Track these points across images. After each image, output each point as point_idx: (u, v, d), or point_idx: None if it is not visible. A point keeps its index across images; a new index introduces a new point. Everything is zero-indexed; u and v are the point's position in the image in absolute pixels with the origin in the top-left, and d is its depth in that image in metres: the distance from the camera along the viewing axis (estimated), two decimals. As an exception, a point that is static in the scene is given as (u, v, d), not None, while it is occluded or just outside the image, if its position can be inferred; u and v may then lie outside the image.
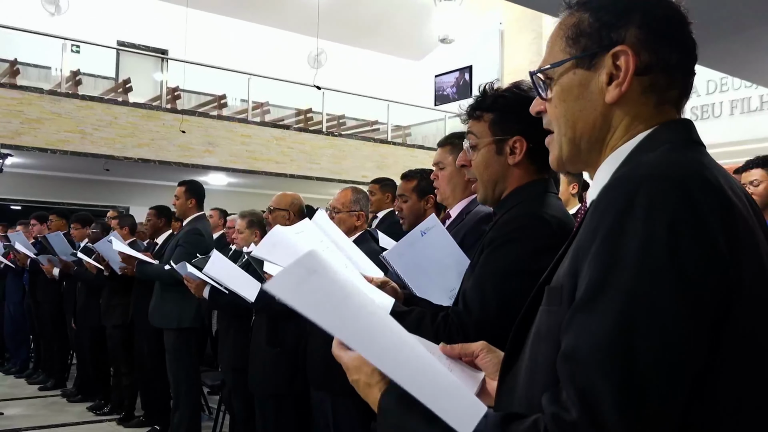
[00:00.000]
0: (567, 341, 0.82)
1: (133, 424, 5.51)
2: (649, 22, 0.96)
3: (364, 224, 3.35)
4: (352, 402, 3.13)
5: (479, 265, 1.68)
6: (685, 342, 0.78)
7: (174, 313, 4.75)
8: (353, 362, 1.02)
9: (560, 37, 1.02)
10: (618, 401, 0.75)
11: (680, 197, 0.81)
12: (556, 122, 1.03)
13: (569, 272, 0.88)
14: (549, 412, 0.80)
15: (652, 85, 0.96)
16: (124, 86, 11.93)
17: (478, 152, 1.74)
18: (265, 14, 14.92)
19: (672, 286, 0.77)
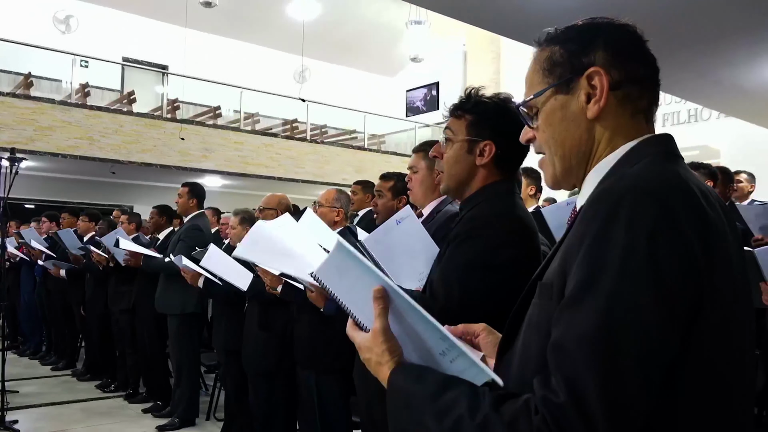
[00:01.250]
0: (556, 334, 0.83)
1: (137, 400, 5.45)
2: (613, 44, 0.98)
3: (344, 221, 3.35)
4: (334, 379, 3.13)
5: (445, 258, 1.66)
6: (660, 338, 0.79)
7: (178, 300, 4.73)
8: (366, 342, 0.98)
9: (537, 72, 1.03)
10: (600, 389, 0.77)
11: (659, 209, 0.81)
12: (546, 144, 1.02)
13: (559, 271, 0.89)
14: (540, 395, 0.81)
15: (626, 97, 0.97)
16: (129, 98, 11.81)
17: (451, 147, 1.72)
18: (256, 34, 14.84)
19: (650, 288, 0.78)
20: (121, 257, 5.09)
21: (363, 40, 15.37)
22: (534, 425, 0.79)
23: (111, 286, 5.66)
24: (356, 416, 3.12)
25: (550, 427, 0.78)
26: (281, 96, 13.25)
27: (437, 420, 0.88)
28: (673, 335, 0.80)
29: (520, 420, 0.81)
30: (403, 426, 0.95)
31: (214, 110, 12.84)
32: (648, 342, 0.78)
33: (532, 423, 0.79)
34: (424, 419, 0.90)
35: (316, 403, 3.13)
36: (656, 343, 0.79)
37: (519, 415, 0.81)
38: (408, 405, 0.93)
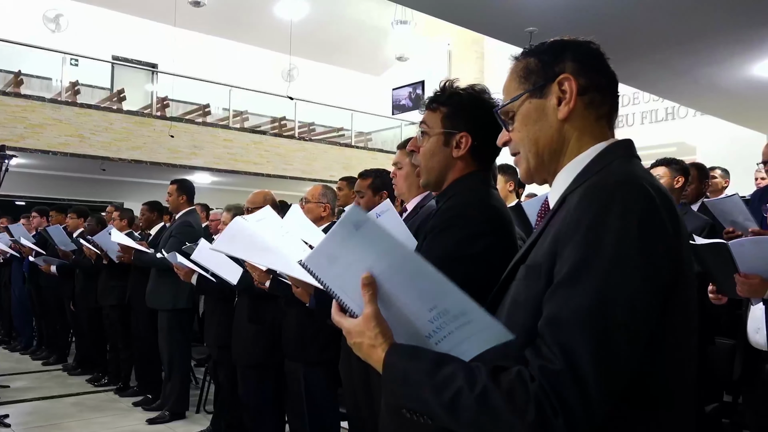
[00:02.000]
0: (551, 309, 0.91)
1: (128, 393, 5.42)
2: (580, 56, 1.10)
3: (330, 216, 3.35)
4: (322, 370, 3.13)
5: (423, 250, 1.63)
6: (646, 313, 0.89)
7: (169, 295, 4.71)
8: (356, 327, 1.00)
9: (514, 80, 1.13)
10: (594, 355, 0.85)
11: (645, 201, 0.92)
12: (521, 143, 1.12)
13: (548, 254, 0.96)
14: (537, 364, 0.88)
15: (591, 103, 1.08)
16: (119, 96, 11.71)
17: (427, 140, 1.69)
18: (245, 34, 14.77)
19: (640, 268, 0.89)
20: (114, 254, 5.05)
21: (350, 40, 15.33)
22: (531, 392, 0.85)
23: (101, 282, 5.62)
24: (344, 407, 3.12)
25: (547, 392, 0.85)
26: (269, 94, 13.21)
27: (436, 393, 0.91)
28: (655, 312, 0.90)
29: (517, 389, 0.87)
30: (401, 402, 0.97)
31: (204, 108, 12.76)
32: (637, 316, 0.88)
33: (529, 390, 0.85)
34: (422, 394, 0.93)
35: (303, 395, 3.13)
36: (643, 317, 0.89)
37: (515, 385, 0.87)
38: (406, 381, 0.95)
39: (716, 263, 2.54)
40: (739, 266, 2.42)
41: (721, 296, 2.65)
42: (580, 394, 0.84)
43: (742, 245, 2.43)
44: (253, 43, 15.08)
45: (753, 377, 2.66)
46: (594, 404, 0.85)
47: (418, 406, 0.95)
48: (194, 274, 3.93)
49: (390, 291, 0.97)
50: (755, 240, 2.47)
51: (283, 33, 13.86)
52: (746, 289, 2.41)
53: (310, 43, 14.80)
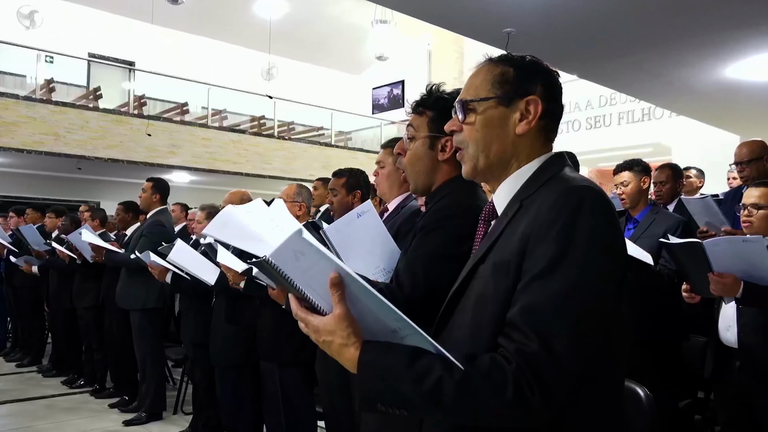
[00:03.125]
0: (526, 299, 0.98)
1: (104, 395, 5.35)
2: (549, 84, 1.19)
3: (306, 215, 3.34)
4: (297, 370, 3.12)
5: (411, 249, 1.66)
6: (612, 296, 1.02)
7: (140, 295, 4.66)
8: (327, 326, 1.00)
9: (487, 80, 1.19)
10: (569, 336, 0.94)
11: (605, 201, 1.04)
12: (474, 142, 1.19)
13: (517, 252, 1.03)
14: (512, 348, 0.95)
15: (545, 127, 1.19)
16: (95, 94, 11.54)
17: (414, 144, 1.72)
18: (224, 32, 14.64)
19: (608, 258, 1.01)
20: (89, 254, 4.98)
21: (329, 39, 15.28)
22: (509, 373, 0.92)
23: (76, 283, 5.54)
24: (320, 407, 3.11)
25: (524, 371, 0.92)
26: (249, 93, 13.12)
27: (416, 384, 0.94)
28: (616, 297, 1.03)
29: (494, 371, 0.93)
30: (378, 398, 0.97)
31: (182, 107, 12.63)
32: (605, 301, 1.00)
33: (507, 372, 0.92)
34: (400, 387, 0.95)
35: (279, 395, 3.12)
36: (610, 302, 1.01)
37: (491, 368, 0.94)
38: (382, 376, 0.96)
39: (691, 262, 2.57)
40: (713, 265, 2.45)
41: (694, 295, 2.68)
42: (556, 371, 0.92)
43: (717, 245, 2.46)
44: (232, 41, 14.97)
45: (723, 374, 2.70)
46: (568, 381, 0.93)
47: (396, 399, 0.96)
48: (168, 272, 3.90)
49: (356, 291, 0.98)
50: (729, 240, 2.51)
51: (262, 31, 13.78)
52: (720, 288, 2.44)
53: (290, 42, 14.73)
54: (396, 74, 16.12)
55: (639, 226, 3.32)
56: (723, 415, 2.81)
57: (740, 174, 3.57)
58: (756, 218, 2.67)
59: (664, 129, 11.41)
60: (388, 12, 11.96)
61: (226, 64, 14.57)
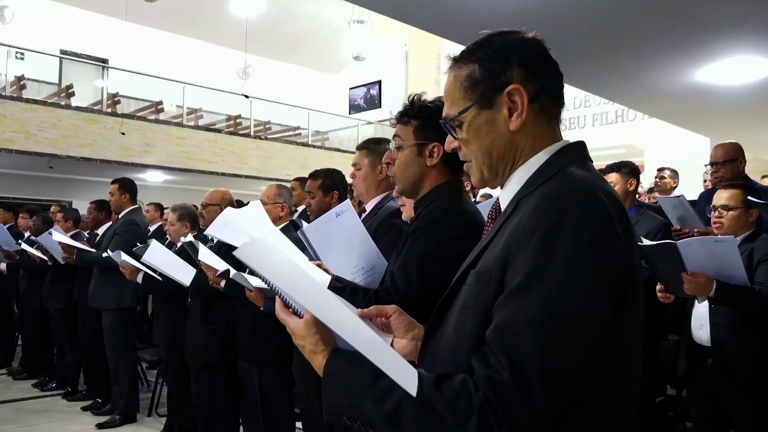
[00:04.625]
0: (500, 317, 0.88)
1: (77, 398, 5.25)
2: (526, 61, 1.04)
3: (288, 215, 3.33)
4: (276, 371, 3.10)
5: (405, 250, 1.70)
6: (597, 321, 0.87)
7: (113, 294, 4.60)
8: (299, 330, 0.99)
9: (458, 88, 1.07)
10: (542, 366, 0.83)
11: (599, 209, 0.90)
12: (474, 155, 1.08)
13: (500, 260, 0.93)
14: (482, 374, 0.85)
15: (542, 108, 1.05)
16: (67, 91, 11.33)
17: (402, 152, 1.77)
18: (199, 30, 14.49)
19: (592, 277, 0.87)
20: (60, 254, 4.89)
21: (306, 38, 15.22)
22: (476, 402, 0.83)
23: (46, 285, 5.44)
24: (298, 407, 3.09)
25: (492, 403, 0.82)
26: (224, 92, 13.00)
27: (377, 403, 0.88)
28: (605, 320, 0.88)
29: (460, 398, 0.84)
30: (341, 411, 0.94)
31: (156, 105, 12.47)
32: (586, 326, 0.86)
33: (473, 400, 0.83)
34: (362, 403, 0.90)
35: (258, 396, 3.10)
36: (592, 327, 0.87)
37: (459, 394, 0.84)
38: (345, 390, 0.93)
39: (665, 263, 2.61)
40: (686, 265, 2.50)
41: (668, 295, 2.73)
42: (525, 405, 0.82)
43: (690, 245, 2.50)
44: (207, 39, 14.82)
45: (695, 371, 2.75)
46: (539, 415, 0.84)
47: (359, 415, 0.92)
48: (140, 273, 3.85)
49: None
50: (702, 240, 2.56)
51: (238, 30, 13.68)
52: (693, 287, 2.49)
53: (266, 41, 14.64)
54: (373, 74, 16.12)
55: (624, 228, 3.38)
56: (695, 411, 2.86)
57: (715, 174, 3.62)
58: (726, 219, 2.72)
59: (637, 130, 11.60)
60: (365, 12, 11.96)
61: (201, 62, 14.43)
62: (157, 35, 14.15)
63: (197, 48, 14.80)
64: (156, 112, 12.40)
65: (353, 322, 0.91)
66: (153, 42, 14.02)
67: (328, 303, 0.92)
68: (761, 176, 6.43)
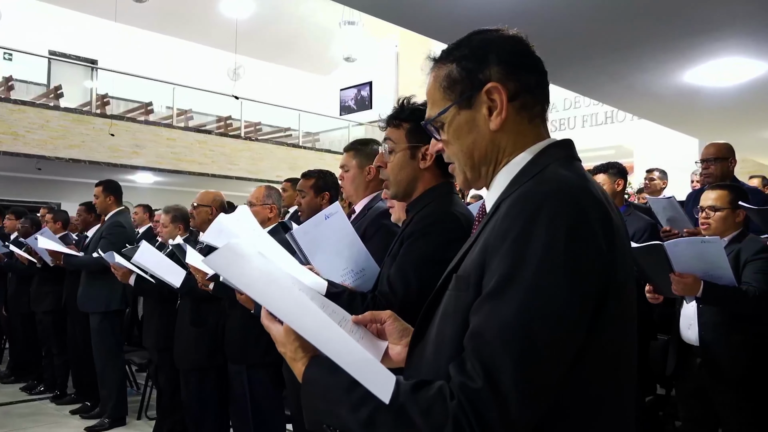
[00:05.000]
0: (475, 322, 0.86)
1: (65, 401, 5.22)
2: (505, 58, 1.02)
3: (276, 217, 3.32)
4: (266, 372, 3.09)
5: (401, 254, 1.69)
6: (572, 327, 0.84)
7: (102, 297, 4.58)
8: (281, 336, 0.99)
9: (437, 89, 1.06)
10: (515, 374, 0.80)
11: (575, 210, 0.86)
12: (456, 156, 1.06)
13: (477, 264, 0.91)
14: (457, 381, 0.83)
15: (523, 106, 1.02)
16: (56, 92, 11.26)
17: (394, 156, 1.77)
18: (189, 31, 14.44)
19: (565, 282, 0.83)
20: (48, 257, 4.86)
21: (297, 39, 15.19)
22: (450, 411, 0.81)
23: (34, 287, 5.40)
24: (288, 409, 3.08)
25: (466, 411, 0.80)
26: (214, 93, 12.96)
27: (353, 411, 0.87)
28: (582, 325, 0.85)
29: (436, 406, 0.82)
30: (320, 418, 0.94)
31: (146, 106, 12.41)
32: (562, 331, 0.83)
33: (448, 409, 0.81)
34: (339, 411, 0.89)
35: (247, 397, 3.09)
36: (568, 333, 0.83)
37: (434, 402, 0.83)
38: (323, 397, 0.93)
39: (652, 264, 2.63)
40: (674, 266, 2.51)
41: (657, 295, 2.75)
42: (500, 414, 0.80)
43: (677, 245, 2.52)
44: (197, 40, 14.77)
45: (684, 371, 2.77)
46: (515, 424, 0.81)
47: (337, 423, 0.91)
48: (132, 274, 3.84)
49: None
50: (689, 240, 2.57)
51: (228, 31, 13.64)
52: (681, 287, 2.50)
53: (257, 42, 14.61)
54: (364, 75, 16.11)
55: (610, 228, 3.40)
56: (684, 410, 2.88)
57: (705, 171, 3.63)
58: (713, 220, 2.74)
59: (626, 131, 11.65)
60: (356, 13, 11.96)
61: (191, 63, 14.38)
62: (146, 36, 14.09)
63: (187, 49, 14.74)
64: (145, 113, 12.34)
65: (327, 328, 0.89)
66: (142, 43, 13.96)
67: (300, 310, 0.90)
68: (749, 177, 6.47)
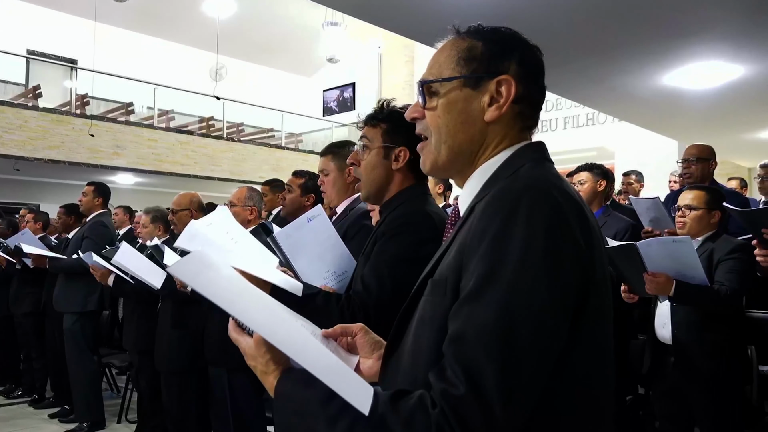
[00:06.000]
0: (455, 327, 0.83)
1: (44, 405, 5.17)
2: (526, 62, 1.01)
3: (257, 219, 3.31)
4: (247, 375, 3.09)
5: (374, 254, 1.70)
6: (554, 326, 0.82)
7: (79, 297, 4.55)
8: (250, 350, 0.95)
9: (451, 57, 1.02)
10: (498, 377, 0.78)
11: (552, 207, 0.85)
12: (437, 130, 1.01)
13: (454, 267, 0.88)
14: (438, 388, 0.80)
15: (521, 113, 1.00)
16: (34, 92, 11.14)
17: (368, 154, 1.78)
18: (170, 31, 14.35)
19: (546, 280, 0.81)
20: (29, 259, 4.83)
21: (280, 40, 15.16)
22: (432, 419, 0.78)
23: (13, 289, 5.34)
24: (270, 412, 3.09)
25: (449, 419, 0.78)
26: (196, 93, 12.89)
27: (330, 424, 0.83)
28: (564, 324, 0.83)
29: (416, 415, 0.80)
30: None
31: (127, 106, 12.31)
32: (544, 331, 0.81)
33: (431, 417, 0.78)
34: (315, 425, 0.85)
35: (228, 401, 3.08)
36: (550, 332, 0.81)
37: (415, 411, 0.80)
38: (298, 412, 0.88)
39: (627, 264, 2.67)
40: (647, 265, 2.56)
41: (632, 295, 2.79)
42: (485, 419, 0.77)
43: (650, 245, 2.57)
44: (179, 40, 14.69)
45: (659, 369, 2.82)
46: (500, 429, 0.78)
47: None
48: (111, 275, 3.82)
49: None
50: (660, 240, 2.63)
51: (210, 31, 13.57)
52: (654, 286, 2.55)
53: (239, 42, 14.55)
54: (347, 77, 16.11)
55: (591, 228, 3.44)
56: (660, 409, 2.93)
57: (686, 171, 3.69)
58: (689, 219, 2.80)
59: (607, 133, 11.77)
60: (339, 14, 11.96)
61: (173, 63, 14.30)
62: (127, 36, 13.99)
63: (168, 49, 14.66)
64: (126, 113, 12.24)
65: (301, 338, 0.85)
66: (123, 43, 13.86)
67: (273, 320, 0.86)
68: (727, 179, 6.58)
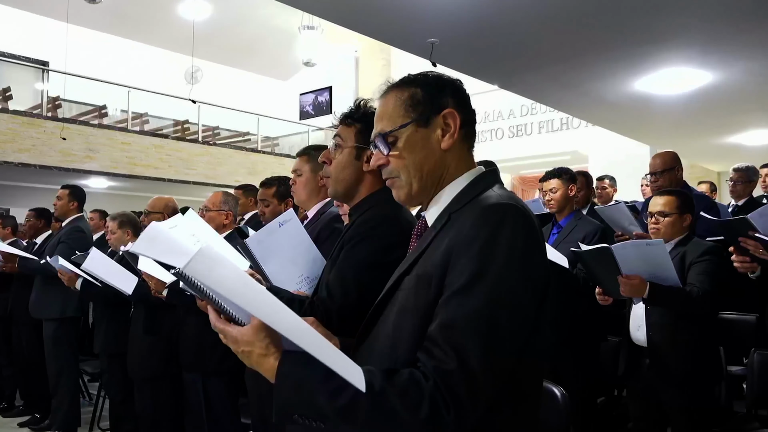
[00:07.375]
0: (445, 315, 1.00)
1: (14, 413, 5.04)
2: (458, 94, 1.21)
3: (232, 223, 3.28)
4: (222, 381, 3.05)
5: (340, 259, 1.68)
6: (528, 315, 1.03)
7: (57, 303, 4.45)
8: (244, 336, 1.01)
9: (399, 106, 1.20)
10: (484, 353, 0.96)
11: (527, 220, 1.06)
12: (405, 169, 1.19)
13: (440, 266, 1.05)
14: (430, 365, 0.96)
15: (467, 135, 1.21)
16: (4, 94, 10.91)
17: (340, 153, 1.75)
18: (145, 33, 14.18)
19: (524, 279, 1.02)
20: (-2, 263, 4.71)
21: (256, 43, 15.08)
22: (426, 390, 0.94)
23: (-21, 294, 5.20)
24: (245, 418, 3.05)
25: (441, 390, 0.94)
26: (171, 96, 12.73)
27: (332, 398, 0.94)
28: (533, 315, 1.04)
29: (411, 388, 0.94)
30: (295, 410, 0.98)
31: (100, 109, 12.12)
32: (521, 319, 1.01)
33: (424, 389, 0.94)
34: (317, 400, 0.95)
35: (203, 406, 3.04)
36: (525, 319, 1.02)
37: (408, 385, 0.95)
38: (299, 389, 0.97)
39: (601, 266, 2.69)
40: (621, 268, 2.58)
41: (607, 297, 2.82)
42: (470, 389, 0.94)
43: (624, 248, 2.59)
44: (153, 43, 14.51)
45: (634, 371, 2.85)
46: (481, 397, 0.97)
47: (312, 412, 0.96)
48: (78, 279, 3.75)
49: None
50: (634, 243, 2.65)
51: (185, 33, 13.44)
52: (628, 289, 2.58)
53: (215, 45, 14.43)
54: (323, 80, 16.08)
55: (562, 232, 3.47)
56: (634, 410, 2.96)
57: (654, 184, 3.74)
58: (662, 225, 2.83)
59: (581, 138, 11.91)
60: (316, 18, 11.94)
61: (147, 66, 14.11)
62: (100, 38, 13.78)
63: (143, 51, 14.47)
64: (99, 116, 12.06)
65: (300, 325, 0.94)
66: (96, 45, 13.65)
67: (276, 309, 0.94)
68: (698, 182, 6.70)
